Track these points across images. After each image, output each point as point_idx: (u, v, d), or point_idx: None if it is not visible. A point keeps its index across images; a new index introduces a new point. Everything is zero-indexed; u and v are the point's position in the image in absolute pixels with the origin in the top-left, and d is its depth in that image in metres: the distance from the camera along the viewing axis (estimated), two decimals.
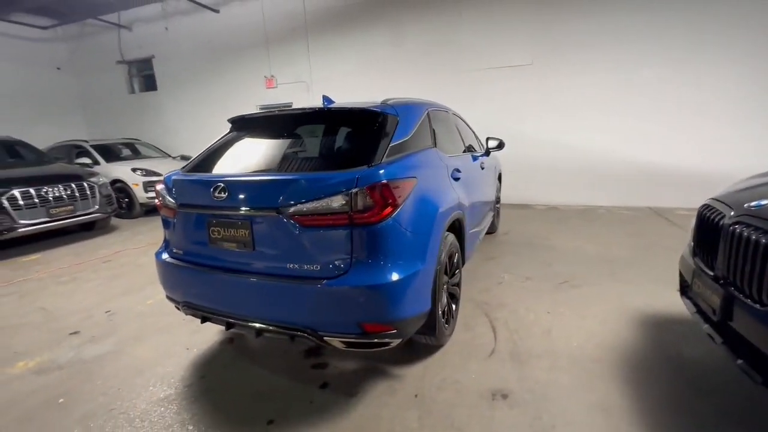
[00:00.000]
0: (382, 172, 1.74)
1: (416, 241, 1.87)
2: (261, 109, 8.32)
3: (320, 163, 1.93)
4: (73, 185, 5.35)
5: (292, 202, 1.70)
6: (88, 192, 5.51)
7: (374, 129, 2.01)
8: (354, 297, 1.67)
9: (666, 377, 2.00)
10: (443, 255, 2.13)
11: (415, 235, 1.86)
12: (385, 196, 1.69)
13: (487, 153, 4.14)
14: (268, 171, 2.01)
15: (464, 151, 3.54)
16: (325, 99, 2.58)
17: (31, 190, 4.88)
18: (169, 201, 2.07)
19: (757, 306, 1.44)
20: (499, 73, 6.48)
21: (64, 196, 5.21)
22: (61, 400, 2.08)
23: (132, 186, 6.82)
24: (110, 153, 7.95)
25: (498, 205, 5.06)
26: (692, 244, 2.04)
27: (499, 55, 6.40)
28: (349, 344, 1.77)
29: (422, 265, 1.88)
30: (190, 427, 1.83)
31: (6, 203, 4.65)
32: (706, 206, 1.93)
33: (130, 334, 2.76)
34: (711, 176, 5.39)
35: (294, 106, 2.22)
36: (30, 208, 4.85)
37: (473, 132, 4.17)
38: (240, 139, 2.35)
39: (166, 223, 2.18)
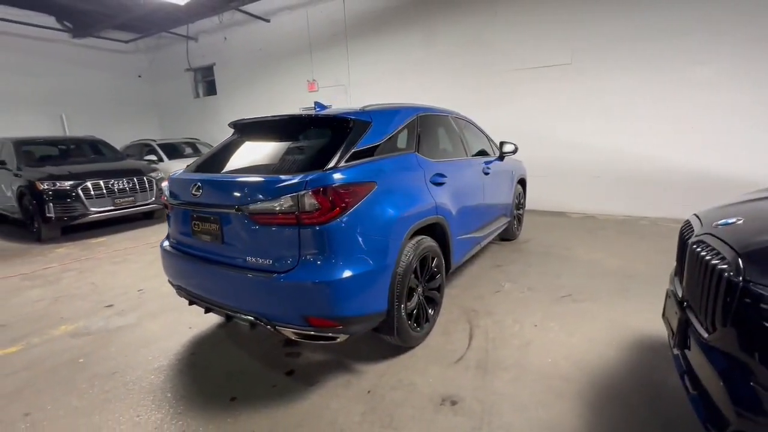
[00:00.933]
0: (335, 176, 1.85)
1: (369, 243, 1.94)
2: (302, 110, 8.78)
3: (288, 166, 2.08)
4: (135, 179, 6.15)
5: (249, 201, 1.87)
6: (147, 185, 6.30)
7: (342, 134, 2.12)
8: (299, 291, 1.80)
9: (634, 403, 1.86)
10: (409, 258, 2.17)
11: (367, 237, 1.93)
12: (332, 199, 1.79)
13: (501, 158, 4.03)
14: (235, 172, 2.21)
15: (473, 156, 3.49)
16: (318, 105, 2.73)
17: (101, 182, 5.72)
18: (167, 196, 2.37)
19: (705, 334, 1.31)
20: (535, 73, 6.17)
21: (127, 188, 6.02)
22: (81, 360, 2.48)
23: None
24: (174, 151, 9.01)
25: (520, 212, 4.86)
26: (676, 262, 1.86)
27: (535, 55, 6.10)
28: (298, 335, 1.91)
29: (374, 266, 1.95)
30: (168, 395, 2.09)
31: (81, 193, 5.51)
32: (686, 221, 1.76)
33: (150, 311, 3.17)
34: None
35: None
36: (99, 197, 5.69)
37: (486, 136, 4.07)
38: (237, 142, 2.59)
39: (168, 216, 2.49)
